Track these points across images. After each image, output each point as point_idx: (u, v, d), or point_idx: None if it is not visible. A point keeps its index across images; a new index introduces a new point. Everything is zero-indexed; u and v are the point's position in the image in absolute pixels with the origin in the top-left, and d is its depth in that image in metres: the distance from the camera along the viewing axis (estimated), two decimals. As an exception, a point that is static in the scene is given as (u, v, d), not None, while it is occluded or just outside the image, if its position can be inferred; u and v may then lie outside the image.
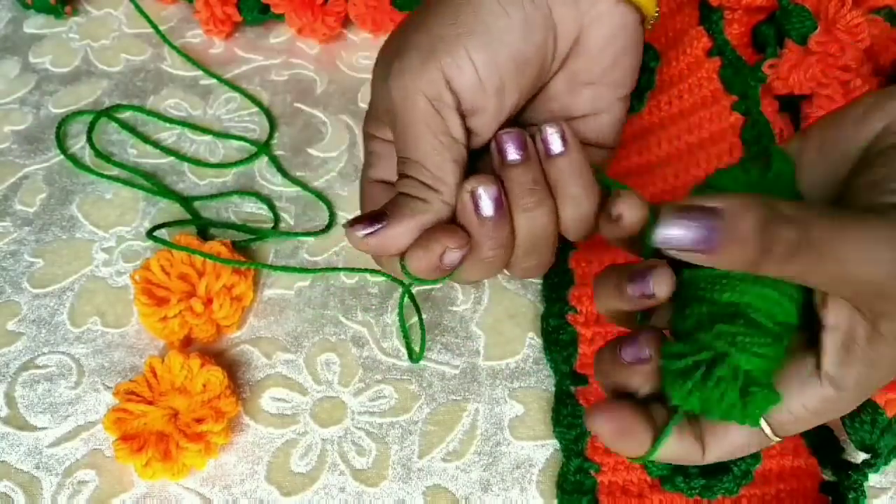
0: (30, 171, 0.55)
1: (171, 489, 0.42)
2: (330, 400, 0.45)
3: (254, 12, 0.61)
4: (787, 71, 0.44)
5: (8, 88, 0.60)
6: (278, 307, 0.48)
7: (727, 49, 0.45)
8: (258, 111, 0.58)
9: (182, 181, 0.54)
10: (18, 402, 0.45)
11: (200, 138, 0.57)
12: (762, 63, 0.45)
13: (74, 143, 0.56)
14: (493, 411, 0.44)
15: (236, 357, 0.46)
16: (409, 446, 0.43)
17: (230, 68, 0.61)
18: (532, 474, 0.42)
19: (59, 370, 0.46)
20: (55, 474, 0.42)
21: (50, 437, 0.44)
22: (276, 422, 0.44)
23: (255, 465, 0.43)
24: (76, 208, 0.53)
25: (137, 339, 0.47)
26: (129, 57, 0.62)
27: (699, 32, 0.45)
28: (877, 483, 0.41)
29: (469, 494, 0.41)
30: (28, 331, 0.47)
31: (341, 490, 0.42)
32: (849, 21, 0.43)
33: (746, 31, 0.46)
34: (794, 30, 0.44)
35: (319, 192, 0.54)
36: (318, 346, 0.47)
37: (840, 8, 0.43)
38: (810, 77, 0.44)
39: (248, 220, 0.52)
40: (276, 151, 0.56)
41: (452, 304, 0.48)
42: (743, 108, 0.43)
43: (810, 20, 0.44)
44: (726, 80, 0.44)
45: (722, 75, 0.44)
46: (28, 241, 0.51)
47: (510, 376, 0.45)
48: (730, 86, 0.44)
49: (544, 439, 0.43)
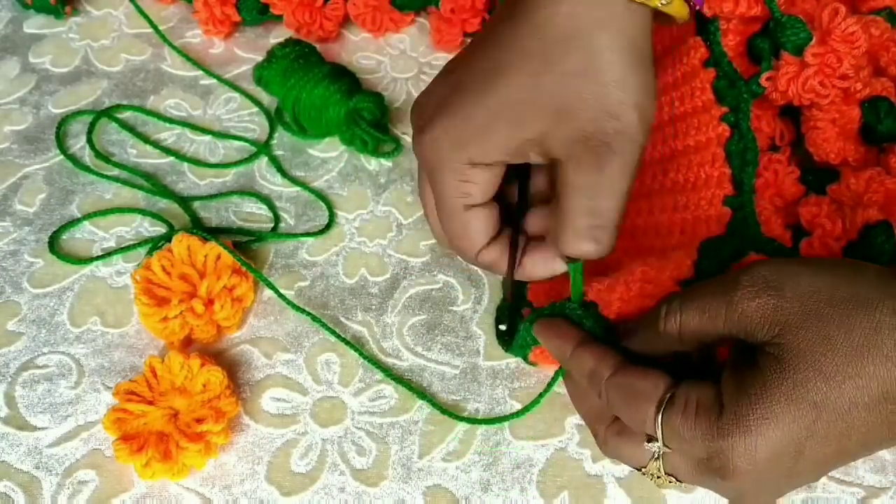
0: (30, 171, 0.55)
1: (171, 489, 0.42)
2: (330, 400, 0.45)
3: (253, 12, 0.61)
4: (785, 84, 0.44)
5: (8, 88, 0.60)
6: (278, 307, 0.48)
7: (723, 61, 0.45)
8: (258, 111, 0.58)
9: (182, 181, 0.54)
10: (18, 402, 0.45)
11: (200, 138, 0.57)
12: (758, 76, 0.44)
13: (74, 143, 0.56)
14: (493, 411, 0.44)
15: (236, 357, 0.46)
16: (409, 446, 0.43)
17: (230, 68, 0.61)
18: (532, 474, 0.42)
19: (59, 370, 0.46)
20: (55, 474, 0.42)
21: (50, 437, 0.44)
22: (277, 422, 0.44)
23: (255, 465, 0.43)
24: (76, 208, 0.53)
25: (137, 339, 0.47)
26: (129, 57, 0.62)
27: (697, 43, 0.45)
28: (877, 483, 0.41)
29: (469, 494, 0.42)
30: (28, 331, 0.47)
31: (341, 490, 0.42)
32: (844, 30, 0.42)
33: (742, 41, 0.46)
34: (789, 42, 0.44)
35: (319, 192, 0.54)
36: (318, 346, 0.47)
37: (834, 17, 0.42)
38: (808, 89, 0.43)
39: (247, 220, 0.52)
40: (276, 151, 0.56)
41: (453, 304, 0.48)
42: (732, 121, 0.43)
43: (805, 31, 0.44)
44: (719, 91, 0.44)
45: (715, 86, 0.44)
46: (28, 241, 0.51)
47: (510, 376, 0.45)
48: (722, 97, 0.44)
49: (544, 439, 0.43)
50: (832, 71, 0.43)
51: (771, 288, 0.31)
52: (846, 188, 0.43)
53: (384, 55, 0.61)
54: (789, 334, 0.31)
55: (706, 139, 0.43)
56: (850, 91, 0.45)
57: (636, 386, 0.34)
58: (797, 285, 0.31)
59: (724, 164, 0.42)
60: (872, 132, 0.45)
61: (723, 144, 0.43)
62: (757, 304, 0.31)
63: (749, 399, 0.31)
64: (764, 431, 0.30)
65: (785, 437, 0.30)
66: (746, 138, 0.42)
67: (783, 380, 0.30)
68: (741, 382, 0.32)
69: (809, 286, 0.31)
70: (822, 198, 0.43)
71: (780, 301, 0.31)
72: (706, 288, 0.34)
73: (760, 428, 0.30)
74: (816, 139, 0.46)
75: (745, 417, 0.31)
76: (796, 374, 0.30)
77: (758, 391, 0.31)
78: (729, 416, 0.31)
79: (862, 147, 0.46)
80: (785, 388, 0.30)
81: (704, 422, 0.32)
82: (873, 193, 0.42)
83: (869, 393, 0.30)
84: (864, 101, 0.45)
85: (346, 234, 0.52)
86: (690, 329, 0.34)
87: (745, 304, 0.32)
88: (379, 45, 0.62)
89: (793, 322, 0.31)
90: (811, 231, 0.42)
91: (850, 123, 0.45)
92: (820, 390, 0.30)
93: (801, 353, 0.30)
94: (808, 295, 0.31)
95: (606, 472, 0.42)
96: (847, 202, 0.42)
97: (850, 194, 0.42)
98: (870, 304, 0.30)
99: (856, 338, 0.30)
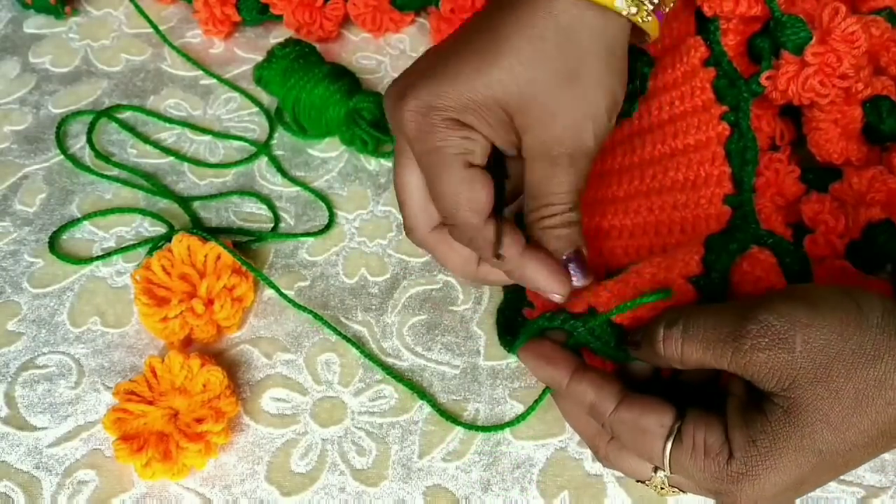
0: (30, 171, 0.55)
1: (171, 489, 0.42)
2: (330, 400, 0.45)
3: (253, 12, 0.61)
4: (785, 83, 0.44)
5: (8, 88, 0.60)
6: (279, 307, 0.48)
7: (723, 60, 0.44)
8: (258, 111, 0.58)
9: (182, 181, 0.54)
10: (18, 402, 0.45)
11: (200, 138, 0.57)
12: (758, 75, 0.44)
13: (74, 143, 0.56)
14: (493, 411, 0.44)
15: (236, 357, 0.46)
16: (409, 446, 0.43)
17: (230, 68, 0.61)
18: (532, 474, 0.42)
19: (59, 370, 0.46)
20: (55, 474, 0.42)
21: (50, 437, 0.44)
22: (276, 422, 0.44)
23: (255, 465, 0.43)
24: (76, 208, 0.53)
25: (137, 339, 0.47)
26: (129, 57, 0.62)
27: (697, 42, 0.45)
28: (877, 483, 0.41)
29: (469, 494, 0.41)
30: (28, 331, 0.47)
31: (341, 490, 0.42)
32: (844, 29, 0.42)
33: (742, 41, 0.46)
34: (790, 41, 0.44)
35: (319, 192, 0.54)
36: (318, 346, 0.47)
37: (834, 17, 0.42)
38: (808, 88, 0.43)
39: (247, 220, 0.52)
40: (276, 151, 0.56)
41: (453, 305, 0.48)
42: (732, 120, 0.43)
43: (805, 31, 0.44)
44: (719, 90, 0.44)
45: (715, 86, 0.44)
46: (28, 241, 0.51)
47: (510, 376, 0.45)
48: (722, 96, 0.44)
49: (545, 439, 0.43)
50: (832, 70, 0.43)
51: (782, 341, 0.31)
52: (848, 187, 0.43)
53: (384, 55, 0.61)
54: (799, 389, 0.31)
55: (706, 138, 0.43)
56: (852, 91, 0.45)
57: (641, 423, 0.34)
58: (807, 340, 0.31)
59: (724, 163, 0.42)
60: (875, 132, 0.45)
61: (723, 143, 0.43)
62: (767, 356, 0.32)
63: (758, 451, 0.32)
64: (771, 478, 0.32)
65: (790, 480, 0.32)
66: (746, 137, 0.42)
67: (791, 433, 0.32)
68: (749, 430, 0.33)
69: (820, 339, 0.31)
70: (825, 195, 0.43)
71: (791, 356, 0.31)
72: (708, 322, 0.34)
73: (769, 475, 0.32)
74: (819, 140, 0.46)
75: (754, 468, 0.32)
76: (804, 427, 0.31)
77: (768, 445, 0.32)
78: (738, 465, 0.32)
79: (864, 147, 0.46)
80: (794, 441, 0.32)
81: (713, 465, 0.33)
82: (876, 192, 0.42)
83: (869, 435, 0.31)
84: (866, 101, 0.45)
85: (346, 234, 0.52)
86: (692, 360, 0.34)
87: (753, 355, 0.32)
88: (379, 45, 0.62)
89: (802, 378, 0.31)
90: (814, 228, 0.42)
91: (852, 123, 0.45)
92: (826, 440, 0.31)
93: (810, 408, 0.31)
94: (819, 350, 0.31)
95: (607, 472, 0.42)
96: (850, 201, 0.42)
97: (852, 193, 0.43)
98: (877, 357, 0.31)
99: (861, 390, 0.31)
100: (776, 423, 0.32)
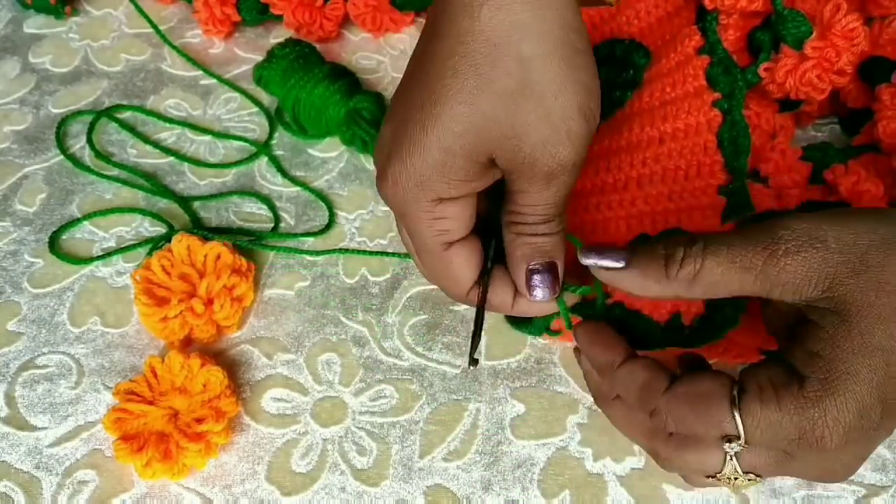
0: (30, 171, 0.55)
1: (172, 489, 0.42)
2: (330, 400, 0.45)
3: (253, 12, 0.61)
4: (783, 75, 0.44)
5: (8, 88, 0.60)
6: (279, 307, 0.48)
7: (718, 48, 0.44)
8: (258, 111, 0.58)
9: (182, 181, 0.54)
10: (18, 402, 0.45)
11: (200, 138, 0.57)
12: (756, 65, 0.45)
13: (74, 143, 0.56)
14: (494, 411, 0.44)
15: (236, 357, 0.46)
16: (409, 446, 0.43)
17: (230, 68, 0.61)
18: (533, 473, 0.42)
19: (59, 370, 0.46)
20: (55, 474, 0.42)
21: (50, 437, 0.43)
22: (277, 422, 0.44)
23: (256, 465, 0.42)
24: (76, 208, 0.53)
25: (137, 339, 0.47)
26: (129, 57, 0.62)
27: (692, 31, 0.45)
28: (877, 482, 0.41)
29: (470, 494, 0.41)
30: (28, 331, 0.47)
31: (342, 490, 0.42)
32: (845, 26, 0.42)
33: (742, 36, 0.46)
34: (790, 34, 0.44)
35: (319, 191, 0.53)
36: (318, 345, 0.47)
37: (836, 13, 0.43)
38: (806, 82, 0.44)
39: (248, 220, 0.52)
40: (276, 151, 0.56)
41: (453, 304, 0.48)
42: (724, 107, 0.43)
43: (806, 25, 0.44)
44: (712, 78, 0.44)
45: (709, 73, 0.44)
46: (28, 241, 0.51)
47: (511, 376, 0.45)
48: (715, 83, 0.44)
49: (545, 438, 0.43)
50: (830, 65, 0.43)
51: (814, 240, 0.31)
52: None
53: (384, 55, 0.61)
54: (840, 286, 0.31)
55: (696, 123, 0.43)
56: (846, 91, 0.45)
57: (701, 389, 0.33)
58: (839, 235, 0.31)
59: (717, 153, 0.42)
60: None
61: (714, 131, 0.43)
62: (802, 257, 0.31)
63: (825, 361, 0.31)
64: (850, 387, 0.30)
65: (868, 388, 0.30)
66: (739, 125, 0.42)
67: (850, 332, 0.30)
68: (806, 347, 0.31)
69: (851, 233, 0.31)
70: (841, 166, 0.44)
71: (826, 253, 0.31)
72: (734, 238, 0.33)
73: (846, 384, 0.30)
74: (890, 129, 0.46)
75: (828, 380, 0.30)
76: (859, 323, 0.30)
77: (830, 351, 0.30)
78: (812, 383, 0.31)
79: None
80: (854, 340, 0.30)
81: (788, 398, 0.31)
82: None
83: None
84: None
85: (346, 233, 0.52)
86: (709, 279, 0.33)
87: (788, 259, 0.31)
88: (379, 45, 0.62)
89: (841, 273, 0.31)
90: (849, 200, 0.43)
91: None
92: (884, 334, 0.30)
93: (857, 303, 0.30)
94: (852, 242, 0.31)
95: (607, 471, 0.42)
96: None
97: None
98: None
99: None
100: (830, 328, 0.31)
